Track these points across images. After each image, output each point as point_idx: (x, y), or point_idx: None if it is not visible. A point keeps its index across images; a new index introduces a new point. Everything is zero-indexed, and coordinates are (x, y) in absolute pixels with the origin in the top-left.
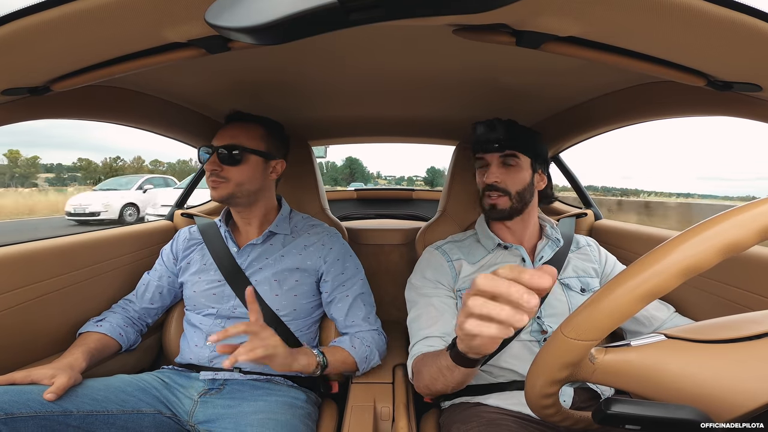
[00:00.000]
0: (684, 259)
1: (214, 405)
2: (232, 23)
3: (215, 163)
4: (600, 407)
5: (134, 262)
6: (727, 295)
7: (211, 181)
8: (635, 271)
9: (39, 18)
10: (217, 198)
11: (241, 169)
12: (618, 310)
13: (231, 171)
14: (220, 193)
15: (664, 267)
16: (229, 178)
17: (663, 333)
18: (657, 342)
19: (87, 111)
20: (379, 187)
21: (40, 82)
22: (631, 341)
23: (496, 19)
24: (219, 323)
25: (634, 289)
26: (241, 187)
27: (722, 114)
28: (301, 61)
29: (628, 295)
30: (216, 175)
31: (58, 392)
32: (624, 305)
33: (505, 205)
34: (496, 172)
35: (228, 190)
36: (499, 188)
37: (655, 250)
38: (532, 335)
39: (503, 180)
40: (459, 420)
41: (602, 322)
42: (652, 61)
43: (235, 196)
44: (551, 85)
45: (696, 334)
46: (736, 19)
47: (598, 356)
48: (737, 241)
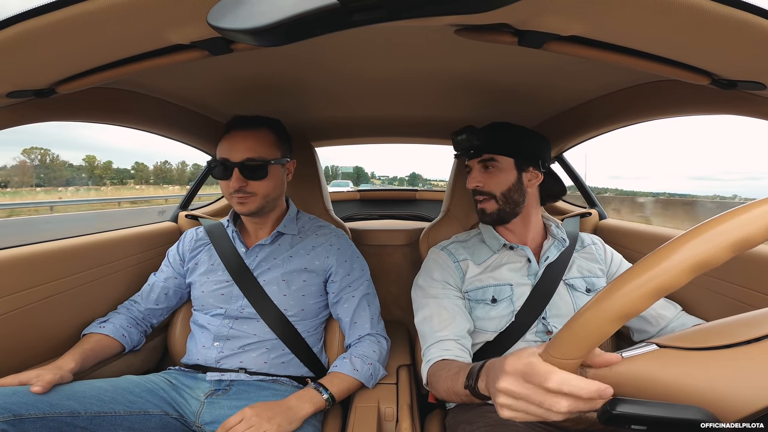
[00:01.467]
0: (694, 255)
1: (220, 406)
2: (234, 25)
3: (240, 180)
4: (605, 407)
5: (139, 264)
6: (734, 295)
7: (238, 197)
8: (643, 268)
9: (44, 20)
10: (246, 213)
11: (267, 183)
12: (597, 329)
13: (257, 185)
14: (249, 207)
15: (670, 265)
16: (256, 192)
17: (654, 342)
18: (649, 352)
19: (91, 113)
20: (382, 188)
21: (46, 84)
22: (623, 352)
23: (497, 19)
24: (227, 324)
25: (641, 286)
26: (267, 198)
27: (726, 112)
28: (303, 63)
29: (614, 305)
30: (243, 192)
31: (44, 385)
32: (629, 304)
33: (493, 208)
34: (477, 176)
35: (257, 204)
36: (483, 192)
37: (662, 248)
38: (537, 336)
39: (485, 183)
40: (465, 420)
41: (582, 341)
42: (655, 59)
43: (264, 208)
44: (554, 85)
45: (688, 342)
46: (740, 17)
47: (589, 369)
48: (747, 237)
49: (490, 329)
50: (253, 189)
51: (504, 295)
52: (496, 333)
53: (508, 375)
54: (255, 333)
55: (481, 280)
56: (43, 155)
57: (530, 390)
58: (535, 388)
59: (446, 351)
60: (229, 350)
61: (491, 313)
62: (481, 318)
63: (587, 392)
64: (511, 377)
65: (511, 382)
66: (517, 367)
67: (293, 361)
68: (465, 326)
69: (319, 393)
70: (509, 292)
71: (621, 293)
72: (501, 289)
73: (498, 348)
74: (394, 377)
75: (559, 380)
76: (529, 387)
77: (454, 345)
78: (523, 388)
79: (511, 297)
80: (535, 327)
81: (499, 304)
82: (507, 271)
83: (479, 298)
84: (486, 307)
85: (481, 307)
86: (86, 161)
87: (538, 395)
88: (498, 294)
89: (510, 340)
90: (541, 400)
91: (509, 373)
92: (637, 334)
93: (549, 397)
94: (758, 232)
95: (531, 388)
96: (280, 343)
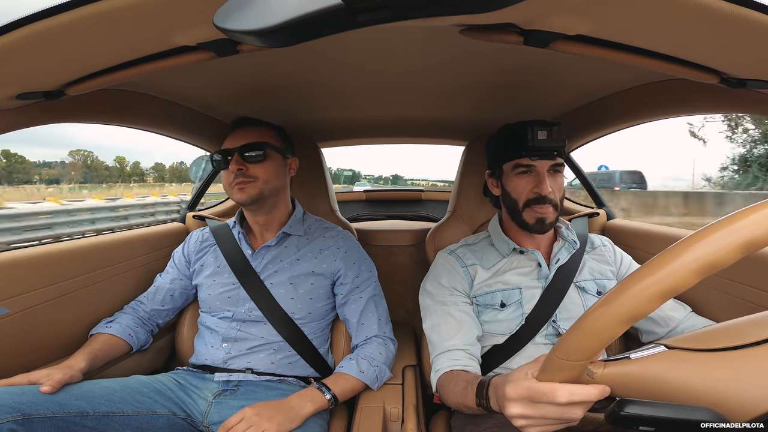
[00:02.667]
0: (702, 257)
1: (228, 406)
2: (240, 26)
3: (240, 163)
4: (614, 409)
5: (146, 264)
6: (744, 295)
7: (238, 182)
8: (650, 269)
9: (52, 22)
10: (247, 199)
11: (266, 166)
12: (604, 332)
13: (257, 169)
14: (249, 193)
15: (678, 267)
16: (256, 176)
17: (663, 344)
18: (657, 353)
19: (100, 115)
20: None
21: (55, 86)
22: (631, 354)
23: (503, 19)
24: (235, 326)
25: (648, 288)
26: (268, 184)
27: (735, 111)
28: (309, 63)
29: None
30: (243, 175)
31: (54, 385)
32: (636, 306)
33: (553, 218)
34: (551, 182)
35: (257, 189)
36: (551, 200)
37: (669, 250)
38: (547, 338)
39: (554, 190)
40: (472, 422)
41: (590, 343)
42: (663, 58)
43: (264, 195)
44: (561, 85)
45: (697, 343)
46: (748, 15)
47: (597, 371)
48: (755, 238)
49: (499, 333)
50: (253, 173)
51: (513, 299)
52: (506, 336)
53: (514, 402)
54: (262, 335)
55: (490, 284)
56: (85, 157)
57: (544, 409)
58: (548, 407)
59: (455, 361)
60: (237, 351)
61: (500, 317)
62: (490, 322)
63: (593, 396)
64: (518, 403)
65: (521, 408)
66: (519, 393)
67: (300, 362)
68: (474, 334)
69: (322, 393)
70: (518, 296)
71: (628, 295)
72: (510, 293)
73: (507, 351)
74: (399, 378)
75: (567, 394)
76: (542, 407)
77: (463, 354)
78: (536, 410)
79: (520, 301)
80: (545, 330)
81: (507, 308)
82: (516, 276)
83: (487, 303)
84: (494, 311)
85: (490, 311)
86: (117, 162)
87: (555, 412)
88: (507, 298)
89: (519, 344)
90: (558, 414)
91: (514, 400)
92: (646, 336)
93: (565, 410)
94: (767, 233)
95: (544, 407)
96: (287, 345)
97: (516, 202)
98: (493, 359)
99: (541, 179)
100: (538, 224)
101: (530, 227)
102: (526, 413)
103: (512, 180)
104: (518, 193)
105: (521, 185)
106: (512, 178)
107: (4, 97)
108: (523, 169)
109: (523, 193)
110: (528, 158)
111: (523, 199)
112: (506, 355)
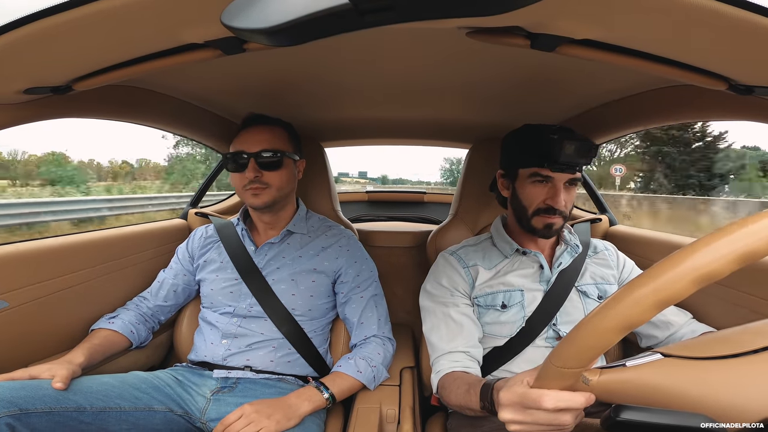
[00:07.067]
0: (698, 267)
1: (226, 403)
2: (248, 24)
3: (256, 170)
4: (609, 414)
5: (149, 260)
6: (745, 303)
7: (253, 188)
8: (646, 279)
9: (61, 18)
10: (260, 205)
11: (281, 174)
12: (599, 340)
13: (271, 176)
14: (263, 199)
15: (674, 277)
16: (270, 183)
17: (659, 351)
18: (653, 361)
19: (107, 110)
20: (391, 189)
21: (63, 81)
22: (627, 361)
23: (510, 22)
24: (236, 322)
25: (644, 297)
26: (281, 191)
27: (743, 119)
28: (315, 63)
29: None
30: (258, 182)
31: (65, 381)
32: (631, 316)
33: (559, 225)
34: (564, 195)
35: (271, 196)
36: (562, 212)
37: (666, 259)
38: (547, 341)
39: (566, 203)
40: (469, 424)
41: (585, 351)
42: (671, 64)
43: (277, 201)
44: (567, 88)
45: (693, 351)
46: (757, 22)
47: (592, 378)
48: (753, 250)
49: (500, 335)
50: (268, 180)
51: (514, 300)
52: (507, 338)
53: (506, 407)
54: (262, 332)
55: (491, 285)
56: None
57: (535, 415)
58: (537, 413)
59: (455, 363)
60: (237, 348)
61: (501, 319)
62: (491, 323)
63: (579, 403)
64: (509, 408)
65: (512, 413)
66: (511, 398)
67: (299, 361)
68: (474, 335)
69: (319, 392)
70: (520, 297)
71: (623, 305)
72: (511, 294)
73: (508, 353)
74: (397, 379)
75: (554, 400)
76: (533, 413)
77: (464, 356)
78: (527, 416)
79: (522, 302)
80: (545, 333)
81: (509, 309)
82: (518, 277)
83: (488, 304)
84: (495, 312)
85: (491, 312)
86: (139, 161)
87: (545, 418)
88: (508, 300)
89: (520, 346)
90: (549, 420)
91: (506, 405)
92: (645, 340)
93: (553, 415)
94: (765, 244)
95: (534, 413)
96: (287, 342)
97: (526, 208)
98: (493, 361)
99: (556, 192)
100: (546, 229)
101: (537, 232)
102: (517, 419)
103: (526, 187)
104: (530, 201)
105: (534, 194)
106: (527, 185)
107: (12, 91)
108: (540, 178)
109: (535, 202)
110: (549, 170)
111: (533, 207)
112: (506, 357)
